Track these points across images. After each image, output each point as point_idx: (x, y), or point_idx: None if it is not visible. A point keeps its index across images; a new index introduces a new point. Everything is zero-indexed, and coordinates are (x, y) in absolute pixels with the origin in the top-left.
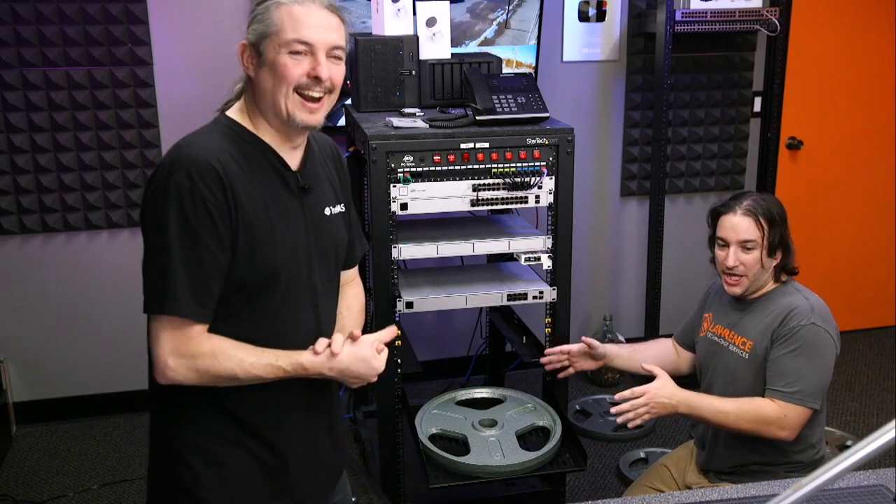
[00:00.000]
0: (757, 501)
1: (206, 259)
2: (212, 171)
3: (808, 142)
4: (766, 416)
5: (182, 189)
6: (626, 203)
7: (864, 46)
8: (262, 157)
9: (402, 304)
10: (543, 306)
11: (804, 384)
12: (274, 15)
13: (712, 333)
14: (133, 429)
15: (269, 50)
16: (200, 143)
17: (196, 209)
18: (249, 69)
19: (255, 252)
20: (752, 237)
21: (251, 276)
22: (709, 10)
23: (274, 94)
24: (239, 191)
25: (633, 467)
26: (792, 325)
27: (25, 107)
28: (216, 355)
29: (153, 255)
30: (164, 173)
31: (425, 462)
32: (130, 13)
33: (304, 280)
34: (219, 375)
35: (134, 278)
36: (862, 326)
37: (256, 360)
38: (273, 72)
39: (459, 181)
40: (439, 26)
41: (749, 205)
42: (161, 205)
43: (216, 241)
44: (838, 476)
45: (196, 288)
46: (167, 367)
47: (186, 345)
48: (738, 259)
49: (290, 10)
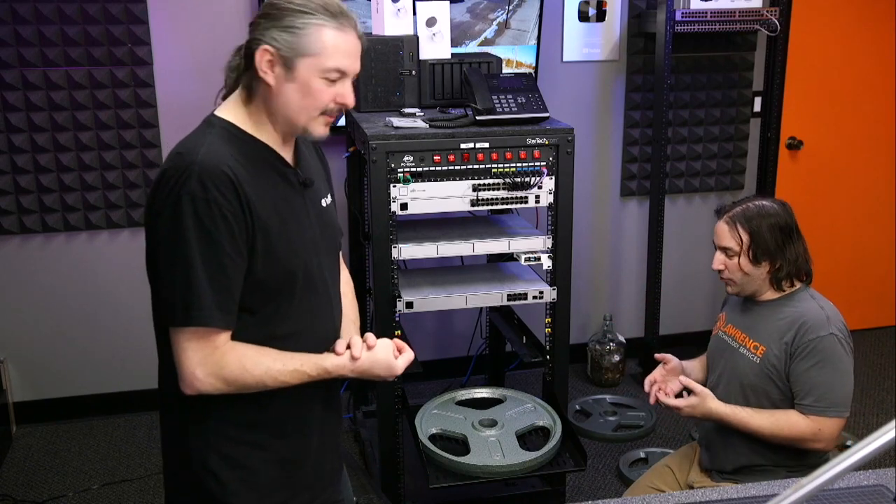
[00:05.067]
0: (757, 501)
1: (227, 265)
2: (224, 176)
3: (808, 142)
4: (802, 434)
5: (196, 198)
6: (626, 203)
7: (864, 46)
8: (262, 157)
9: (402, 304)
10: (543, 306)
11: (833, 396)
12: (315, 36)
13: (724, 333)
14: (133, 429)
15: (302, 68)
16: (206, 149)
17: (213, 217)
18: (269, 76)
19: (273, 253)
20: (727, 244)
21: (270, 277)
22: (709, 10)
23: (298, 113)
24: (250, 194)
25: (633, 467)
26: (810, 337)
27: (25, 107)
28: (244, 364)
29: (172, 267)
30: (173, 183)
31: (425, 462)
32: (130, 13)
33: (318, 274)
34: (246, 384)
35: (134, 278)
36: (862, 326)
37: (283, 366)
38: (304, 92)
39: (459, 181)
40: (439, 26)
41: (736, 213)
42: (176, 216)
43: (234, 246)
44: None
45: (220, 296)
46: (195, 378)
47: (213, 355)
48: (721, 262)
49: (333, 36)
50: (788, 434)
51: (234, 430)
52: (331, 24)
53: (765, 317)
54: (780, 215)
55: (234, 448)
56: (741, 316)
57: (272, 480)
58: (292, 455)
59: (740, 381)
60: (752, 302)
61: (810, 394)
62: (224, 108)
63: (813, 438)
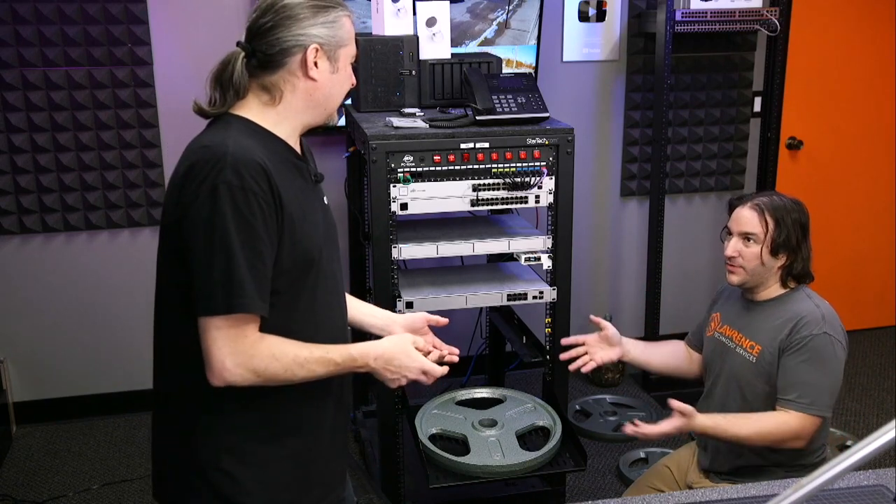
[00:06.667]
0: (757, 501)
1: (264, 254)
2: (257, 166)
3: (808, 142)
4: (787, 433)
5: (233, 187)
6: (626, 203)
7: (864, 46)
8: (281, 152)
9: (402, 304)
10: (543, 306)
11: (817, 394)
12: (346, 26)
13: (720, 334)
14: (133, 429)
15: (342, 58)
16: (235, 141)
17: (249, 204)
18: (314, 72)
19: (296, 242)
20: (752, 230)
21: (293, 265)
22: (709, 10)
23: (338, 101)
24: (278, 184)
25: (633, 467)
26: (803, 333)
27: (25, 107)
28: (273, 352)
29: (211, 256)
30: (206, 173)
31: (425, 462)
32: (130, 13)
33: (329, 267)
34: (276, 373)
35: (134, 278)
36: (862, 326)
37: (309, 353)
38: (344, 80)
39: (459, 181)
40: (439, 26)
41: (762, 201)
42: (214, 205)
43: (268, 234)
44: (838, 476)
45: (259, 283)
46: (224, 368)
47: (243, 344)
48: (736, 249)
49: (350, 24)
50: (776, 436)
51: (248, 427)
52: (347, 14)
53: (761, 316)
54: (802, 213)
55: (249, 445)
56: (737, 315)
57: (285, 478)
58: (306, 453)
59: (738, 382)
60: (748, 301)
61: (794, 389)
62: (241, 107)
63: (794, 437)
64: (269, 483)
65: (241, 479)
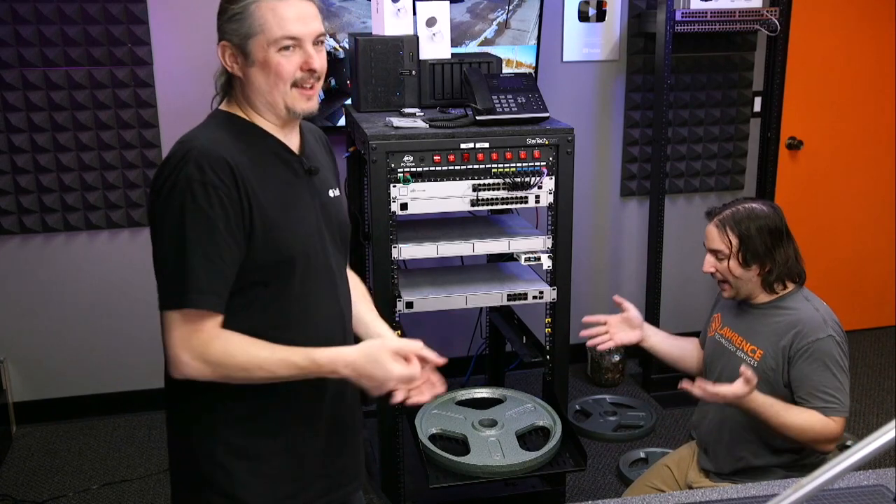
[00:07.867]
0: (757, 501)
1: (223, 249)
2: (221, 160)
3: (808, 142)
4: (829, 435)
5: (193, 181)
6: (626, 203)
7: (864, 46)
8: (264, 144)
9: (402, 304)
10: (543, 306)
11: (841, 395)
12: (256, 14)
13: (720, 335)
14: (133, 429)
15: (256, 49)
16: (206, 136)
17: (209, 199)
18: (235, 69)
19: (271, 238)
20: (717, 247)
21: (267, 262)
22: (709, 10)
23: (271, 93)
24: (249, 178)
25: (633, 467)
26: (809, 339)
27: (25, 107)
28: (228, 349)
29: (167, 248)
30: (171, 167)
31: (425, 462)
32: (130, 13)
33: (322, 262)
34: (230, 369)
35: (134, 278)
36: (862, 326)
37: (269, 354)
38: (266, 71)
39: (459, 181)
40: (439, 26)
41: (725, 216)
42: (174, 198)
43: (230, 231)
44: (838, 476)
45: (214, 279)
46: (179, 360)
47: (198, 337)
48: (712, 265)
49: (271, 7)
50: (813, 433)
51: (241, 419)
52: None
53: (760, 320)
54: (770, 217)
55: (241, 438)
56: (736, 319)
57: (280, 471)
58: (300, 445)
59: None
60: (746, 305)
61: (822, 395)
62: (227, 103)
63: (833, 439)
64: (263, 475)
65: (235, 470)
